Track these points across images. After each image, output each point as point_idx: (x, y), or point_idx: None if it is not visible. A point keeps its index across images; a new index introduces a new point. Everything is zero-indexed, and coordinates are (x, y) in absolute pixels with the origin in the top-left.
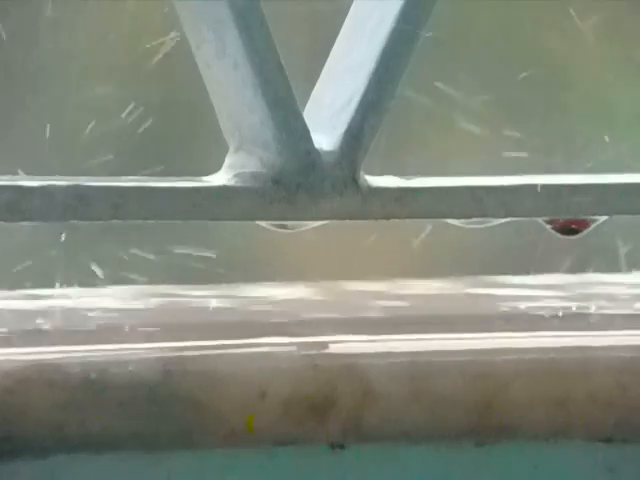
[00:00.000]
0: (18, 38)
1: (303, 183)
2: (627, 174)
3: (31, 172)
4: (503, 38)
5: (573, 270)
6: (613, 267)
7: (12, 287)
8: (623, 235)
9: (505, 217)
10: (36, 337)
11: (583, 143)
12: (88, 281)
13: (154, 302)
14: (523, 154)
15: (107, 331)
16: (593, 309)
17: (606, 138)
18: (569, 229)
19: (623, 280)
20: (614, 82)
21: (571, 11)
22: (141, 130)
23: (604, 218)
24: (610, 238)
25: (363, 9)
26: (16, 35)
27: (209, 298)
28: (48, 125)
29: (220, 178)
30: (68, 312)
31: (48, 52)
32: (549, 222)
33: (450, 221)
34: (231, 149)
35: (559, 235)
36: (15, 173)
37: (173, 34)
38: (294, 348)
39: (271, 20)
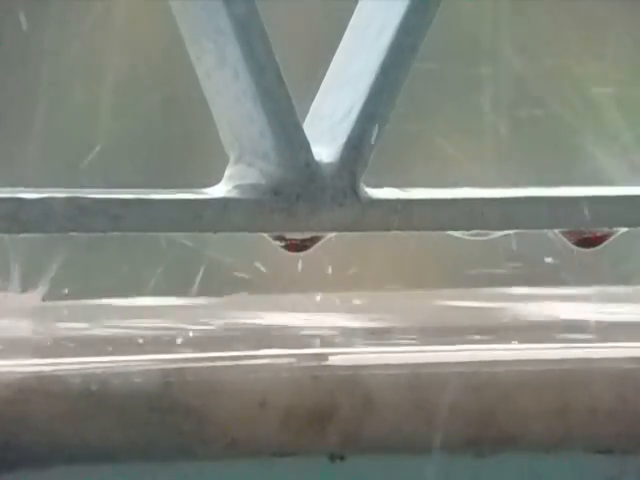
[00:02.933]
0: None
1: (303, 194)
2: (627, 186)
3: (28, 180)
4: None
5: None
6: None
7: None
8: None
9: (506, 229)
10: (36, 348)
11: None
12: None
13: (154, 314)
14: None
15: (107, 342)
16: (594, 321)
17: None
18: (586, 242)
19: (626, 292)
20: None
21: None
22: (140, 141)
23: (622, 230)
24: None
25: (364, 20)
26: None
27: (210, 309)
28: (43, 132)
29: (220, 190)
30: (69, 323)
31: (43, 53)
32: (565, 234)
33: (451, 233)
34: (231, 160)
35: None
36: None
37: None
38: (294, 359)
39: (271, 31)
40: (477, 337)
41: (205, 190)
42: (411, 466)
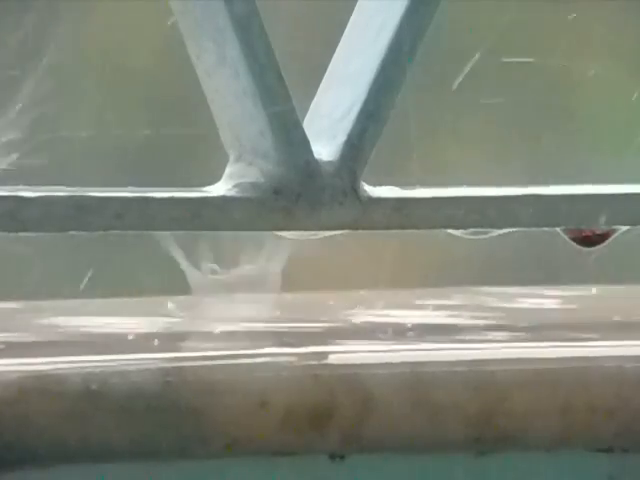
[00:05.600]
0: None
1: (303, 193)
2: (627, 184)
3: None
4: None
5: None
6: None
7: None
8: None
9: (505, 228)
10: (37, 348)
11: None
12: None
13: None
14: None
15: (107, 342)
16: (593, 319)
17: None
18: (588, 240)
19: (625, 289)
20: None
21: None
22: (141, 139)
23: (624, 229)
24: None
25: (363, 19)
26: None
27: (210, 308)
28: (45, 132)
29: (220, 188)
30: (68, 323)
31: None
32: (568, 233)
33: (451, 231)
34: (231, 159)
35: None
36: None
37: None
38: (294, 358)
39: (271, 30)
40: (477, 336)
41: (205, 189)
42: (411, 465)
